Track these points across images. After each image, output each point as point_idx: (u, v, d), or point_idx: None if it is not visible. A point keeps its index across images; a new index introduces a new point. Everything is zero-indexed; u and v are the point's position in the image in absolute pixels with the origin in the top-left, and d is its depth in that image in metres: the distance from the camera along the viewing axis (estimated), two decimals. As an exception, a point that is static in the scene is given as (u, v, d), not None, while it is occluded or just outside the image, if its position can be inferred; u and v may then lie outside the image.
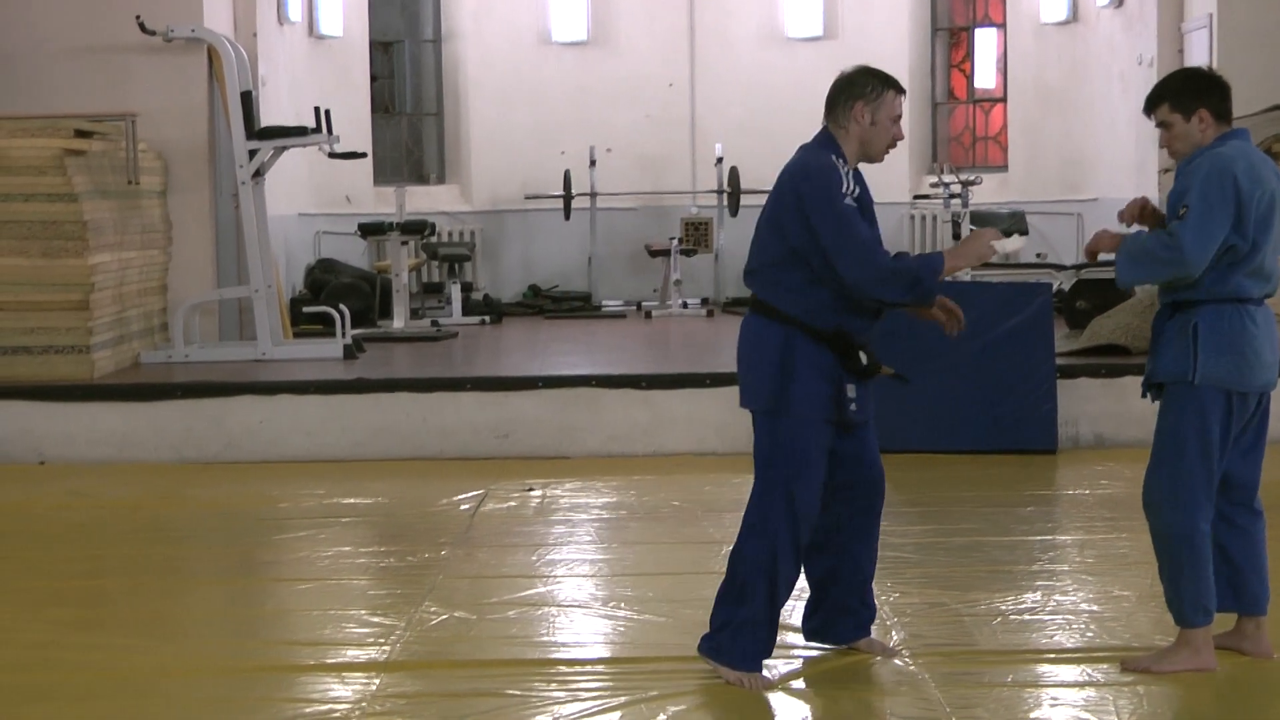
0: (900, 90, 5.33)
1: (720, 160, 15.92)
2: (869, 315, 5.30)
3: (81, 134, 10.68)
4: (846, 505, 5.43)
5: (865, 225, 5.20)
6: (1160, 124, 5.34)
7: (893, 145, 5.35)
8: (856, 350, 5.26)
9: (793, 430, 5.21)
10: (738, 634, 5.27)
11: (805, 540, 5.28)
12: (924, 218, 15.50)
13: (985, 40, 16.77)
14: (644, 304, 15.60)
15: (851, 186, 5.20)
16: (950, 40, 16.94)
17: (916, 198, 15.90)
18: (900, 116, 5.33)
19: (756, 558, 5.24)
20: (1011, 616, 6.10)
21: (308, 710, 5.13)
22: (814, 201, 5.15)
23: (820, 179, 5.18)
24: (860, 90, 5.29)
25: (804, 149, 5.35)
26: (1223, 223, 5.13)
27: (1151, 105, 5.35)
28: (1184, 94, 5.28)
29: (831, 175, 5.18)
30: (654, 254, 15.74)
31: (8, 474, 9.56)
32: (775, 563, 5.23)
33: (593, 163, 16.08)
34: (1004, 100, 16.52)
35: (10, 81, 11.73)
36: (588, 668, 5.55)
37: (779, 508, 5.22)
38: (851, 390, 5.26)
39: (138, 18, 11.54)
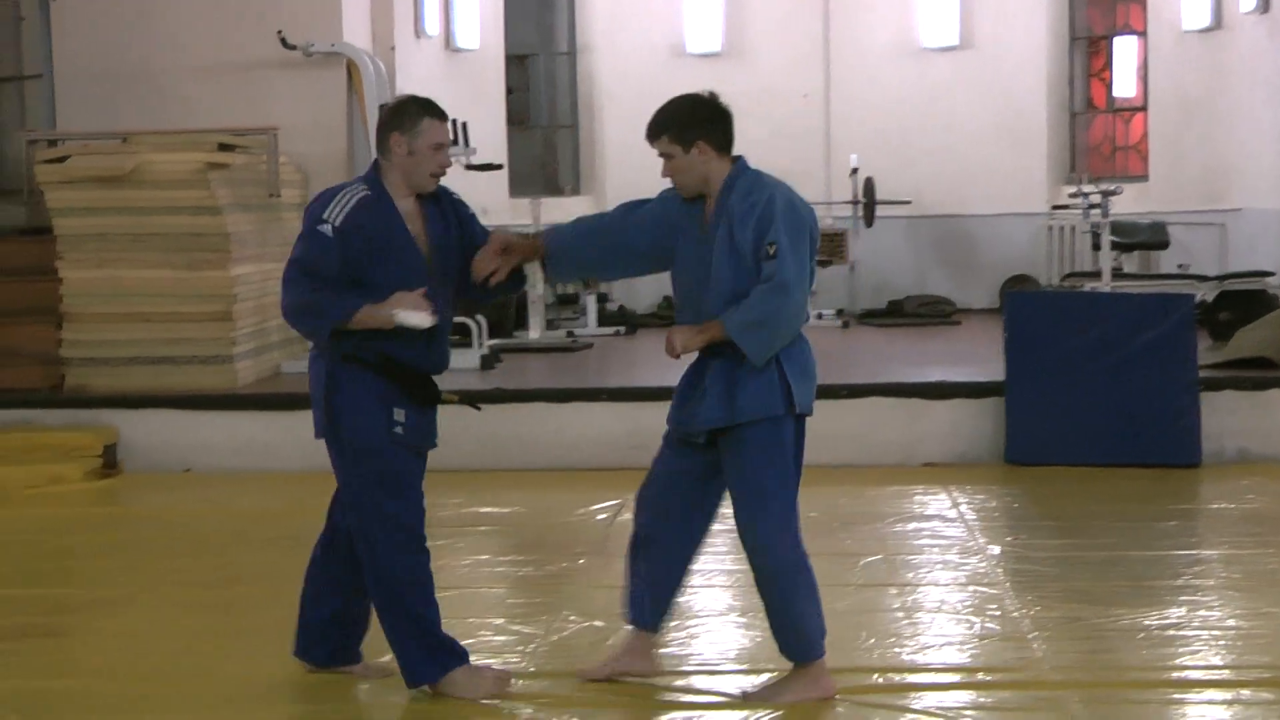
0: (441, 117, 5.19)
1: (855, 171, 15.84)
2: (419, 339, 5.18)
3: (224, 148, 10.86)
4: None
5: (326, 256, 5.05)
6: (661, 155, 5.18)
7: (439, 173, 5.22)
8: (411, 377, 5.22)
9: (355, 458, 5.21)
10: (420, 645, 5.27)
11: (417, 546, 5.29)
12: (1063, 229, 15.26)
13: (1125, 48, 16.54)
14: (778, 315, 15.53)
15: (334, 214, 5.06)
16: (1089, 49, 16.73)
17: (1055, 208, 15.68)
18: (443, 145, 5.19)
19: (390, 576, 5.25)
20: (1155, 632, 5.99)
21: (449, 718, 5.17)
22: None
23: (311, 208, 5.17)
24: (396, 121, 5.19)
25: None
26: (806, 251, 5.06)
27: (652, 136, 5.18)
28: (684, 126, 5.14)
29: (315, 205, 5.15)
30: (788, 265, 15.66)
31: (153, 482, 9.73)
32: (401, 575, 5.25)
33: (726, 174, 16.05)
34: (1144, 109, 16.28)
35: (155, 98, 11.95)
36: (725, 678, 5.54)
37: (375, 528, 5.25)
38: (400, 414, 5.21)
39: (279, 33, 11.71)
